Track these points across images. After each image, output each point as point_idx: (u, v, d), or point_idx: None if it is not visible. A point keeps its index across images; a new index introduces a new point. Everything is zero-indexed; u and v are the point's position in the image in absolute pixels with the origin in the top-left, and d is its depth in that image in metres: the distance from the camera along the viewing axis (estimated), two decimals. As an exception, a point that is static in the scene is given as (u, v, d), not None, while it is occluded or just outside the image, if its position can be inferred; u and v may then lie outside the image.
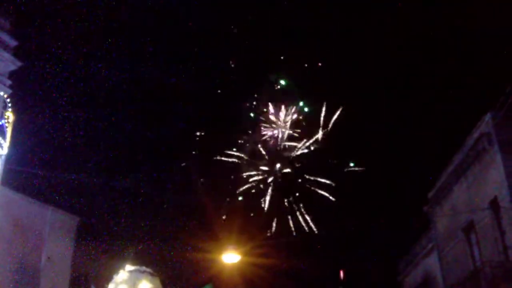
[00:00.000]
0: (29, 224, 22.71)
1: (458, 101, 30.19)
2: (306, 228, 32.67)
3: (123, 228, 30.49)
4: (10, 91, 19.08)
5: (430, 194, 25.42)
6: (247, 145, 32.95)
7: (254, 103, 33.07)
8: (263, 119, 33.00)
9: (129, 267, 9.92)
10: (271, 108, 32.49)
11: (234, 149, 33.47)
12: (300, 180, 32.71)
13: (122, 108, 39.95)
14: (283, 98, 32.64)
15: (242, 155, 32.86)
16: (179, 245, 30.73)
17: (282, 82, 32.78)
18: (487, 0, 26.02)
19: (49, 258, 23.16)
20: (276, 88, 32.82)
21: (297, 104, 32.39)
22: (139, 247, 28.28)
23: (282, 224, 32.41)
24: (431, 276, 26.12)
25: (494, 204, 19.99)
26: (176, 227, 32.62)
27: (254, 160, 32.96)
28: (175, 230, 32.15)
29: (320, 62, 33.52)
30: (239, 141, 33.35)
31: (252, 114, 32.97)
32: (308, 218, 32.71)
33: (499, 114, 19.14)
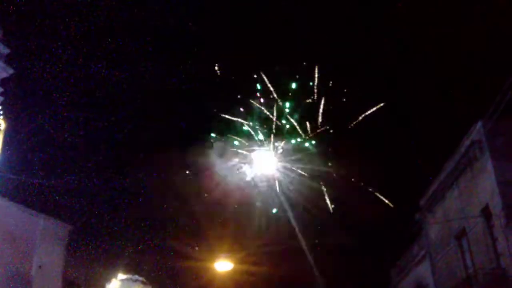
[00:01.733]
0: (20, 232, 22.60)
1: (449, 109, 30.33)
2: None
3: (116, 236, 30.36)
4: (2, 98, 19.05)
5: (422, 201, 25.48)
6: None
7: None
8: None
9: (121, 275, 9.86)
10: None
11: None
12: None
13: (122, 108, 39.93)
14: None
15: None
16: (172, 254, 30.64)
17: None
18: (479, 8, 26.21)
19: (40, 266, 23.03)
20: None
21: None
22: (132, 256, 28.15)
23: (274, 231, 32.33)
24: (423, 283, 26.15)
25: (486, 212, 20.07)
26: (168, 235, 32.52)
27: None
28: (168, 238, 32.05)
29: (316, 63, 33.46)
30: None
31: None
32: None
33: (490, 121, 19.24)
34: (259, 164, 29.65)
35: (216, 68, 30.73)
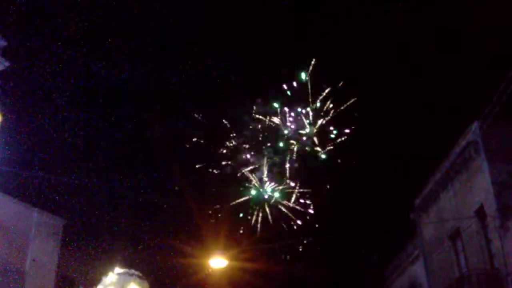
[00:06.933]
0: (15, 225, 22.52)
1: (446, 109, 30.47)
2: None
3: (112, 231, 30.32)
4: (-1, 91, 18.96)
5: (417, 201, 25.55)
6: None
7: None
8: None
9: (118, 269, 9.86)
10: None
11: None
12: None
13: (121, 108, 39.95)
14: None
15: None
16: (168, 249, 30.62)
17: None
18: (475, 10, 26.33)
19: (34, 260, 22.97)
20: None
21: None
22: (128, 251, 28.14)
23: (270, 229, 32.35)
24: (417, 283, 26.24)
25: (480, 212, 20.16)
26: (164, 231, 32.51)
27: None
28: (164, 234, 32.03)
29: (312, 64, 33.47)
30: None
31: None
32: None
33: (486, 122, 19.32)
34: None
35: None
